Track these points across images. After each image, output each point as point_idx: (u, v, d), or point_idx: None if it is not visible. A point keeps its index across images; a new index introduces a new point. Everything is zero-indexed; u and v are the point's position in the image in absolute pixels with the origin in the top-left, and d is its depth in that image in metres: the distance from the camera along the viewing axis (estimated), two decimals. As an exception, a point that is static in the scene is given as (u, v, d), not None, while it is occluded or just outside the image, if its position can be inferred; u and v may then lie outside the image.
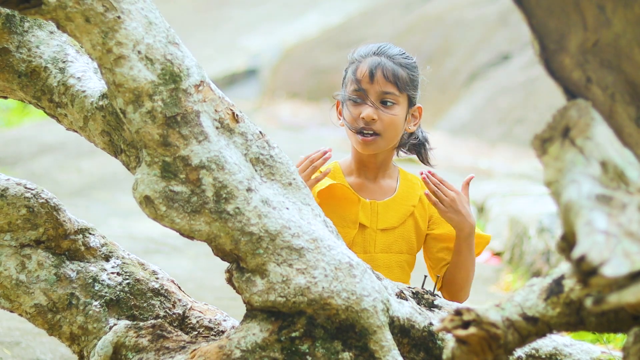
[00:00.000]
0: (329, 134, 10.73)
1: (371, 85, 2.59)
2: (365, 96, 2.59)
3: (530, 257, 4.97)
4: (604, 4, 1.77)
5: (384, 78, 2.59)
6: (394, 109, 2.59)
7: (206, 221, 2.16)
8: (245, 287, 2.18)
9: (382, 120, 2.58)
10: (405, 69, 2.61)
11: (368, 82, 2.59)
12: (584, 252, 1.53)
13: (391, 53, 2.63)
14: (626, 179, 1.68)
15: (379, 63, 2.60)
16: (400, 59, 2.63)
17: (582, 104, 1.77)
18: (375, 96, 2.59)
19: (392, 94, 2.59)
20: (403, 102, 2.61)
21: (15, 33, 2.40)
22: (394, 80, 2.59)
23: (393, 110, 2.59)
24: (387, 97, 2.59)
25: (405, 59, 2.64)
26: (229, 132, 2.23)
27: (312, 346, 2.15)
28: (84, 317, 2.38)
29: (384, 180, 2.68)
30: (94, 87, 2.36)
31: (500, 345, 1.85)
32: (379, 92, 2.59)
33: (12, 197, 2.43)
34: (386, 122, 2.58)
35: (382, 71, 2.59)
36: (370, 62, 2.61)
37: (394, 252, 2.61)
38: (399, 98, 2.60)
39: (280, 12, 15.77)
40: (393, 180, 2.69)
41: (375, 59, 2.61)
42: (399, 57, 2.63)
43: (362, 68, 2.61)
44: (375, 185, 2.66)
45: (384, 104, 2.59)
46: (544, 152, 1.74)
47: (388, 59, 2.61)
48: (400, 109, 2.60)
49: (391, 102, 2.59)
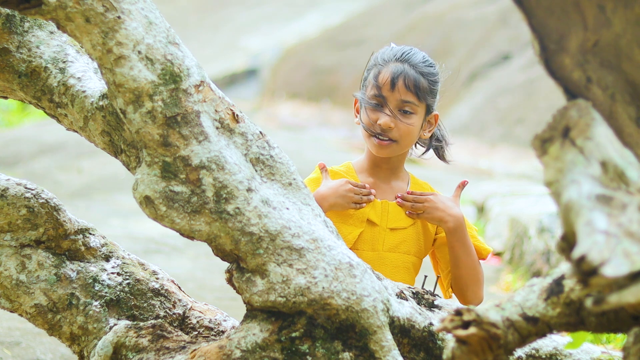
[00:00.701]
0: (329, 134, 10.73)
1: (391, 93, 2.58)
2: (385, 103, 2.59)
3: (530, 257, 4.98)
4: (604, 4, 1.77)
5: (405, 87, 2.58)
6: (411, 118, 2.60)
7: (206, 221, 2.16)
8: (246, 287, 2.18)
9: (399, 129, 2.58)
10: (427, 78, 2.61)
11: (389, 90, 2.59)
12: (584, 252, 1.53)
13: (414, 61, 2.61)
14: (626, 179, 1.68)
15: (402, 71, 2.59)
16: (423, 67, 2.62)
17: (582, 104, 1.77)
18: (395, 104, 2.59)
19: (412, 103, 2.59)
20: (421, 111, 2.61)
21: (15, 33, 2.40)
22: (415, 91, 2.58)
23: (410, 119, 2.60)
24: (406, 106, 2.59)
25: (428, 67, 2.63)
26: (229, 132, 2.23)
27: (312, 346, 2.15)
28: (84, 317, 2.38)
29: (395, 182, 2.68)
30: (94, 87, 2.36)
31: (500, 345, 1.85)
32: (398, 100, 2.59)
33: (12, 197, 2.43)
34: (403, 130, 2.59)
35: (403, 80, 2.58)
36: (393, 69, 2.60)
37: (402, 253, 2.61)
38: (418, 108, 2.60)
39: (280, 12, 15.78)
40: (404, 183, 2.70)
41: (398, 66, 2.60)
42: (422, 65, 2.62)
43: (384, 74, 2.60)
44: (387, 185, 2.67)
45: (402, 112, 2.59)
46: (544, 152, 1.74)
47: (411, 67, 2.60)
48: (417, 118, 2.61)
49: (409, 112, 2.59)
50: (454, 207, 2.60)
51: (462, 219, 2.60)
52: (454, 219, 2.58)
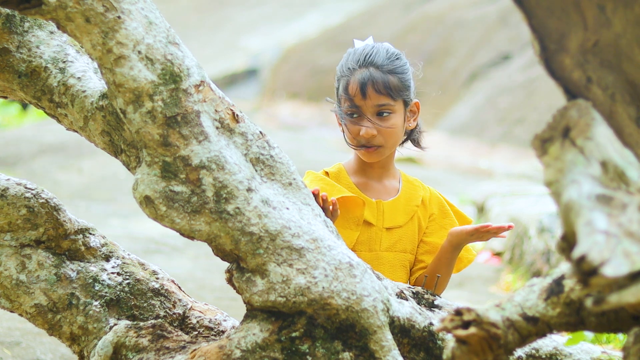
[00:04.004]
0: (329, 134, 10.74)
1: (364, 101, 2.55)
2: (361, 112, 2.57)
3: (530, 257, 4.98)
4: (604, 4, 1.77)
5: (376, 92, 2.55)
6: (391, 119, 2.57)
7: (206, 221, 2.16)
8: (246, 287, 2.19)
9: (382, 134, 2.56)
10: (395, 75, 2.57)
11: (361, 99, 2.55)
12: (584, 252, 1.53)
13: (378, 61, 2.57)
14: (626, 179, 1.68)
15: (368, 77, 2.55)
16: (388, 64, 2.57)
17: (583, 104, 1.77)
18: (371, 111, 2.56)
19: (387, 104, 2.56)
20: (399, 108, 2.59)
21: (15, 33, 2.40)
22: (387, 92, 2.55)
23: (390, 120, 2.57)
24: (383, 109, 2.57)
25: (393, 61, 2.58)
26: (229, 132, 2.23)
27: (312, 346, 2.15)
28: (84, 317, 2.38)
29: (387, 180, 2.68)
30: (94, 87, 2.36)
31: (500, 345, 1.85)
32: (373, 106, 2.56)
33: (12, 197, 2.43)
34: (386, 134, 2.57)
35: (372, 85, 2.55)
36: (359, 77, 2.56)
37: (398, 251, 2.61)
38: (395, 106, 2.58)
39: (280, 12, 15.78)
40: (396, 181, 2.69)
41: (364, 73, 2.56)
42: (387, 62, 2.57)
43: (353, 84, 2.56)
44: (379, 184, 2.66)
45: (380, 115, 2.57)
46: (544, 152, 1.74)
47: (376, 69, 2.56)
48: (397, 116, 2.58)
49: (387, 112, 2.57)
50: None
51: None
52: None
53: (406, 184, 2.69)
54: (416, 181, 2.72)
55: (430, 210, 2.68)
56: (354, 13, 14.02)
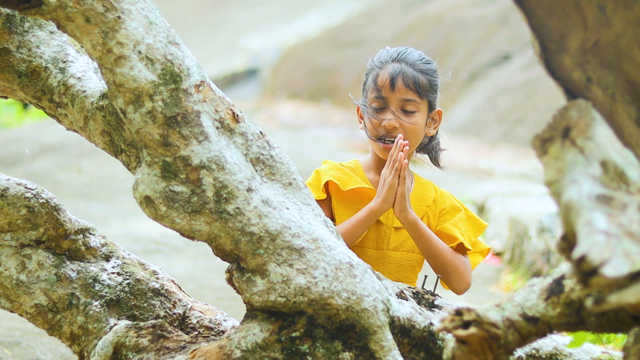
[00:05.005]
0: (329, 134, 10.73)
1: (392, 93, 2.59)
2: (386, 104, 2.60)
3: (530, 257, 4.98)
4: (604, 4, 1.77)
5: (405, 86, 2.59)
6: (414, 117, 2.60)
7: (206, 221, 2.16)
8: (246, 287, 2.19)
9: (404, 128, 2.59)
10: (425, 75, 2.62)
11: (389, 90, 2.59)
12: (585, 252, 1.53)
13: (411, 59, 2.63)
14: (626, 179, 1.68)
15: (399, 70, 2.60)
16: (421, 64, 2.63)
17: (583, 104, 1.77)
18: (397, 104, 2.60)
19: (413, 101, 2.60)
20: (424, 108, 2.62)
21: (15, 33, 2.40)
22: (415, 88, 2.59)
23: (414, 117, 2.60)
24: (408, 105, 2.60)
25: (425, 64, 2.64)
26: (229, 132, 2.23)
27: (313, 346, 2.15)
28: (84, 317, 2.38)
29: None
30: (94, 87, 2.36)
31: (500, 345, 1.85)
32: (400, 99, 2.60)
33: (12, 197, 2.43)
34: (408, 129, 2.60)
35: (402, 79, 2.59)
36: (391, 69, 2.61)
37: (406, 251, 2.62)
38: (420, 105, 2.61)
39: (280, 12, 15.78)
40: (409, 181, 2.70)
41: (395, 66, 2.61)
42: (419, 62, 2.63)
43: (383, 76, 2.61)
44: None
45: (405, 111, 2.60)
46: (544, 152, 1.74)
47: (408, 65, 2.61)
48: (420, 116, 2.62)
49: (412, 110, 2.60)
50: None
51: (412, 223, 2.55)
52: (403, 217, 2.54)
53: (418, 186, 2.70)
54: (429, 183, 2.74)
55: (441, 206, 2.69)
56: (354, 13, 14.02)
